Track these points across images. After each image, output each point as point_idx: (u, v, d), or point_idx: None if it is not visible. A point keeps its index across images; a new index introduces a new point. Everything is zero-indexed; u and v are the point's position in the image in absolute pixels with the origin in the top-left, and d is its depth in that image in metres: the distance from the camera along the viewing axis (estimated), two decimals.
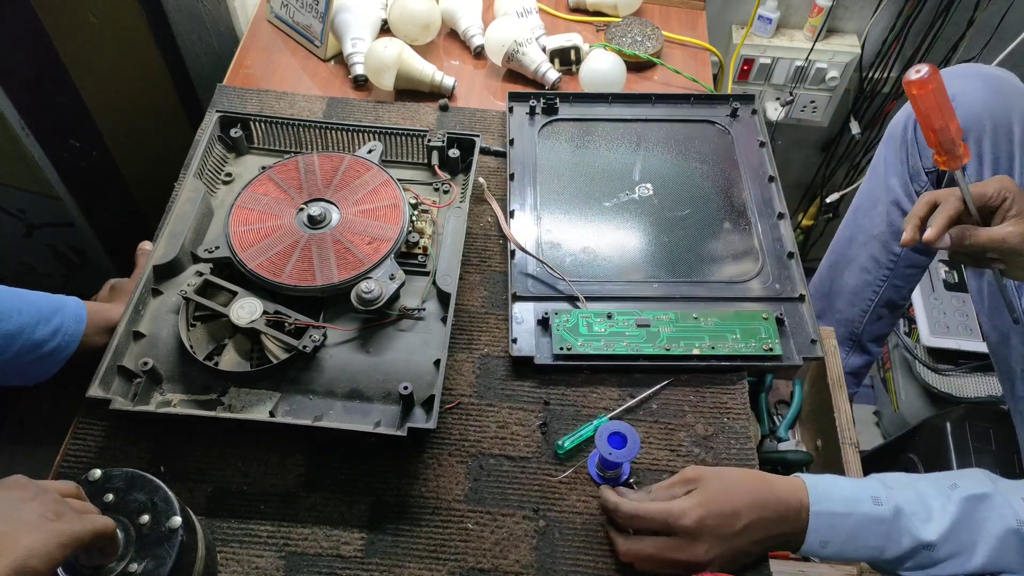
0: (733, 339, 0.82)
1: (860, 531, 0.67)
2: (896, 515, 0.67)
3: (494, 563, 0.70)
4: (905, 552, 0.66)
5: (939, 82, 0.70)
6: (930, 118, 0.71)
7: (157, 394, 0.73)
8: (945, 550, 0.66)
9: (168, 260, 0.79)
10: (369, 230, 0.81)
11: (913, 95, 0.71)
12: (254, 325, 0.74)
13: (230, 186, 0.90)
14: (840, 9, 1.49)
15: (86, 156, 1.17)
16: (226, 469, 0.74)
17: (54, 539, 0.47)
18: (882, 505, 0.67)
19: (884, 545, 0.67)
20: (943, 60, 1.52)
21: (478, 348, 0.83)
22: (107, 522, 0.53)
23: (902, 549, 0.66)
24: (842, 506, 0.67)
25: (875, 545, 0.67)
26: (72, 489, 0.54)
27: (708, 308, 0.85)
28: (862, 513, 0.67)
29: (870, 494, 0.68)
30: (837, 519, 0.67)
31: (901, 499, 0.68)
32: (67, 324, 0.73)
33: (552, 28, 1.18)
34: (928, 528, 0.67)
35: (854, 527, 0.67)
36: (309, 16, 1.11)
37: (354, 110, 1.05)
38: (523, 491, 0.74)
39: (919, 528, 0.67)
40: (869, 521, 0.67)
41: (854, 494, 0.68)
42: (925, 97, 0.70)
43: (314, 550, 0.70)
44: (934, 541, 0.66)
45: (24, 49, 1.02)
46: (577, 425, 0.78)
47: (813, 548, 0.67)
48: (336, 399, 0.74)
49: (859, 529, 0.67)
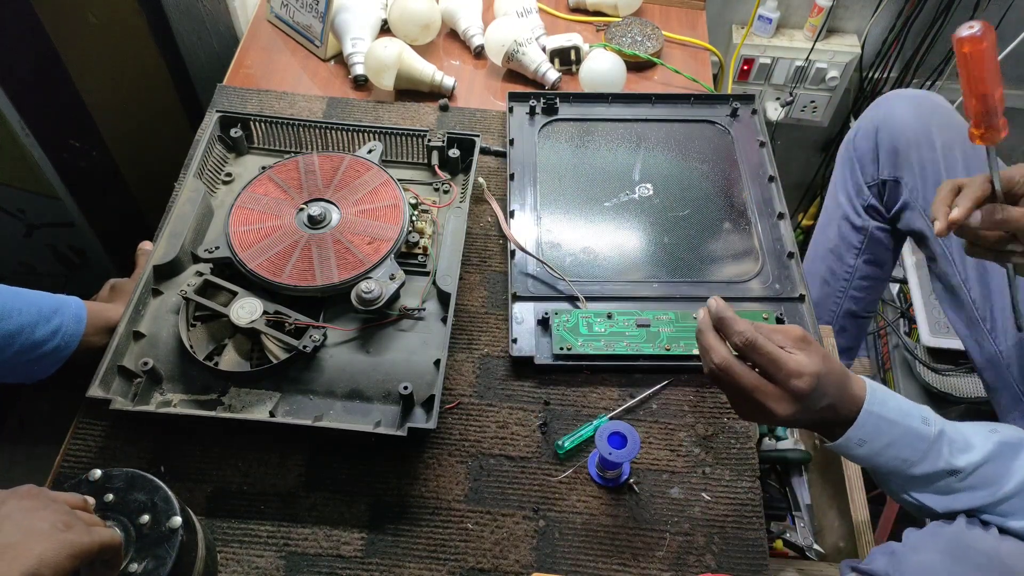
0: None
1: (900, 441, 0.67)
2: (938, 438, 0.67)
3: (494, 563, 0.70)
4: (933, 472, 0.67)
5: (992, 41, 0.65)
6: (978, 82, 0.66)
7: (157, 394, 0.73)
8: (969, 481, 0.67)
9: (168, 260, 0.79)
10: (369, 230, 0.81)
11: (964, 54, 0.66)
12: (254, 325, 0.74)
13: (230, 186, 0.90)
14: (840, 9, 1.49)
15: (86, 156, 1.17)
16: (226, 469, 0.74)
17: (64, 549, 0.48)
18: (930, 426, 0.68)
19: (917, 460, 0.67)
20: (943, 60, 1.53)
21: (478, 348, 0.83)
22: (113, 535, 0.53)
23: (932, 468, 0.67)
24: (894, 414, 0.67)
25: (908, 458, 0.67)
26: (79, 501, 0.55)
27: None
28: (909, 426, 0.67)
29: (921, 414, 0.68)
30: (884, 424, 0.67)
31: (947, 427, 0.69)
32: (67, 324, 0.73)
33: (552, 28, 1.18)
34: (962, 457, 0.67)
35: (897, 436, 0.67)
36: (309, 16, 1.11)
37: (354, 110, 1.05)
38: (523, 491, 0.74)
39: (955, 455, 0.67)
40: (912, 435, 0.67)
41: (907, 409, 0.68)
42: (977, 57, 0.65)
43: (314, 550, 0.70)
44: (963, 468, 0.67)
45: (24, 49, 1.02)
46: (577, 425, 0.78)
47: (850, 444, 0.67)
48: (336, 399, 0.74)
49: (901, 439, 0.67)
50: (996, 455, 0.68)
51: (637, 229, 0.93)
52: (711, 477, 0.76)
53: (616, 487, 0.75)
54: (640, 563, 0.71)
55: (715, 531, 0.73)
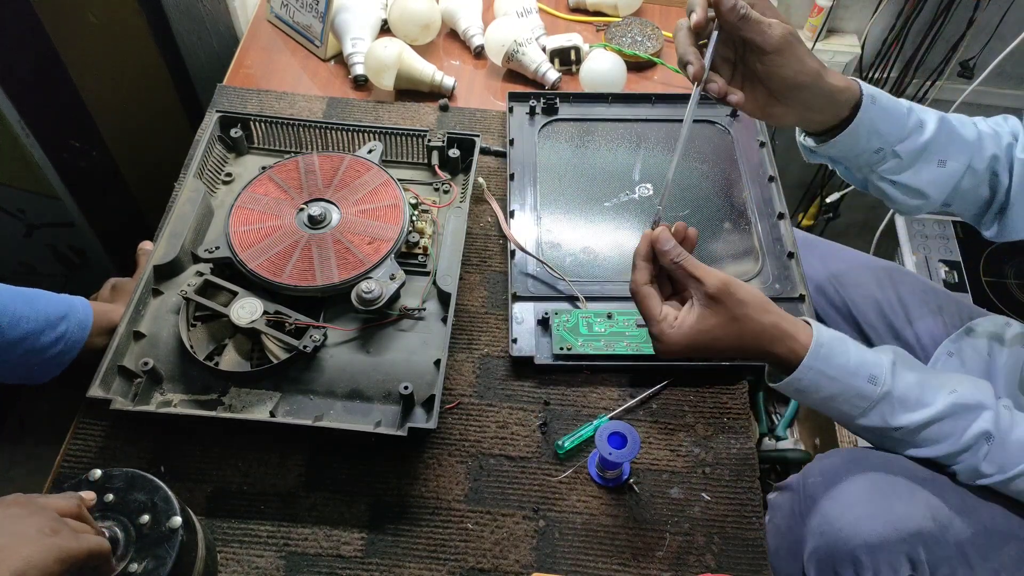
0: None
1: (839, 398, 0.66)
2: (883, 398, 0.66)
3: (494, 563, 0.70)
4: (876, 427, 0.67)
5: None
6: None
7: (157, 394, 0.73)
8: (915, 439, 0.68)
9: (168, 260, 0.79)
10: (369, 230, 0.81)
11: None
12: (254, 325, 0.74)
13: (230, 186, 0.90)
14: (840, 9, 1.49)
15: (86, 156, 1.17)
16: (226, 469, 0.74)
17: (51, 553, 0.48)
18: (876, 386, 0.66)
19: (858, 415, 0.67)
20: (943, 60, 1.52)
21: (478, 348, 0.83)
22: (101, 542, 0.53)
23: (874, 424, 0.67)
24: (836, 371, 0.66)
25: (847, 412, 0.67)
26: (73, 506, 0.54)
27: None
28: (849, 384, 0.66)
29: (871, 372, 0.66)
30: (824, 380, 0.66)
31: (898, 387, 0.67)
32: (72, 331, 0.73)
33: (552, 28, 1.18)
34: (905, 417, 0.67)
35: (837, 392, 0.66)
36: (309, 16, 1.11)
37: (354, 110, 1.05)
38: (523, 491, 0.74)
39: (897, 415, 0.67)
40: (852, 394, 0.66)
41: (855, 366, 0.66)
42: None
43: (314, 550, 0.70)
44: (904, 426, 0.67)
45: (24, 49, 1.02)
46: (577, 425, 0.78)
47: (787, 390, 0.67)
48: (336, 399, 0.74)
49: (840, 395, 0.66)
50: (947, 414, 0.66)
51: (637, 229, 0.93)
52: (711, 477, 0.76)
53: (616, 487, 0.75)
54: (640, 563, 0.71)
55: (715, 531, 0.73)
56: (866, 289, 0.96)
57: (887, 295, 0.95)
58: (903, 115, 0.73)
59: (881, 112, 0.72)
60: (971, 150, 0.75)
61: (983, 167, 0.76)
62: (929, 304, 0.94)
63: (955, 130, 0.75)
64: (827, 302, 0.99)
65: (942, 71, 1.55)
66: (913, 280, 0.98)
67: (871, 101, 0.71)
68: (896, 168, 0.75)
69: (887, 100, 0.73)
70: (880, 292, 0.96)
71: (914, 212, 0.80)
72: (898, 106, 0.73)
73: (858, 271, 0.99)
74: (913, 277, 0.99)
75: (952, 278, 1.51)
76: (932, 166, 0.75)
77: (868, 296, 0.96)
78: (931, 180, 0.76)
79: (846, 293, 0.97)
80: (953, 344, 0.89)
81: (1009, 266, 1.54)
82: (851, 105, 0.71)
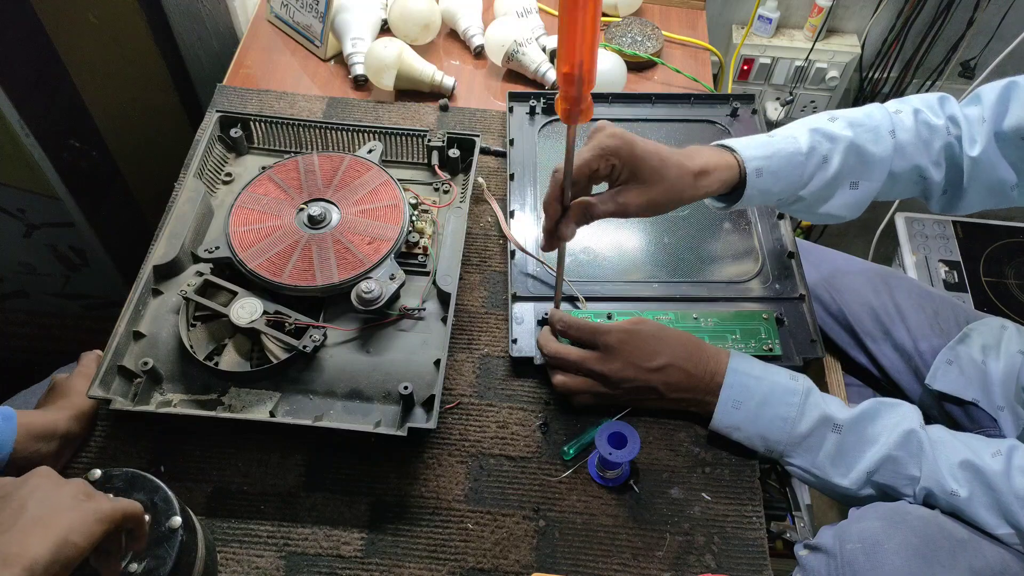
0: (733, 339, 0.82)
1: (772, 397, 0.72)
2: (809, 391, 0.73)
3: (494, 563, 0.70)
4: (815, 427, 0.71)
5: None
6: (569, 45, 0.54)
7: (157, 394, 0.73)
8: (850, 438, 0.71)
9: (168, 260, 0.79)
10: (369, 230, 0.81)
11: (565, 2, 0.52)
12: (254, 325, 0.74)
13: (230, 186, 0.90)
14: (840, 9, 1.49)
15: (86, 156, 1.17)
16: (226, 469, 0.74)
17: (91, 515, 0.50)
18: (797, 381, 0.73)
19: (795, 416, 0.71)
20: (943, 60, 1.53)
21: (478, 348, 0.83)
22: (135, 504, 0.54)
23: (812, 422, 0.71)
24: (759, 371, 0.73)
25: (786, 415, 0.71)
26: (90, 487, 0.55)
27: (708, 308, 0.85)
28: (775, 380, 0.73)
29: (788, 372, 0.74)
30: (751, 381, 0.72)
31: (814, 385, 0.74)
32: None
33: (552, 28, 1.18)
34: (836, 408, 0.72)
35: (767, 391, 0.72)
36: (309, 16, 1.11)
37: (354, 110, 1.05)
38: (523, 491, 0.74)
39: (829, 404, 0.73)
40: (781, 389, 0.72)
41: (775, 369, 0.74)
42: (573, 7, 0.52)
43: (314, 550, 0.70)
44: (841, 421, 0.71)
45: (24, 49, 1.02)
46: (577, 425, 0.78)
47: (726, 409, 0.72)
48: (336, 399, 0.74)
49: (771, 395, 0.72)
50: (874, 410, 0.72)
51: (637, 229, 0.93)
52: (711, 477, 0.76)
53: (616, 487, 0.75)
54: (640, 563, 0.71)
55: (715, 531, 0.73)
56: (861, 295, 0.96)
57: (882, 300, 0.95)
58: (799, 166, 0.75)
59: (771, 178, 0.74)
60: (886, 165, 0.78)
61: (906, 172, 0.79)
62: (925, 309, 0.94)
63: (865, 153, 0.77)
64: (822, 308, 0.99)
65: (942, 71, 1.55)
66: (909, 284, 0.98)
67: (756, 175, 0.73)
68: (806, 207, 0.79)
69: (778, 163, 0.74)
70: (875, 298, 0.95)
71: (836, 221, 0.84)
72: (791, 161, 0.74)
73: (853, 276, 0.98)
74: (908, 281, 0.99)
75: (952, 278, 1.51)
76: (844, 191, 0.78)
77: (863, 302, 0.96)
78: (844, 203, 0.79)
79: (841, 298, 0.97)
80: (951, 352, 0.89)
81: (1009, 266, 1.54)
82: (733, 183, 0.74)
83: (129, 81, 1.19)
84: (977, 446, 0.70)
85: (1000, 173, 0.77)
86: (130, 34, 1.15)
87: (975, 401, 0.85)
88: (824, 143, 0.76)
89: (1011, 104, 0.75)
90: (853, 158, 0.76)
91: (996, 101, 0.76)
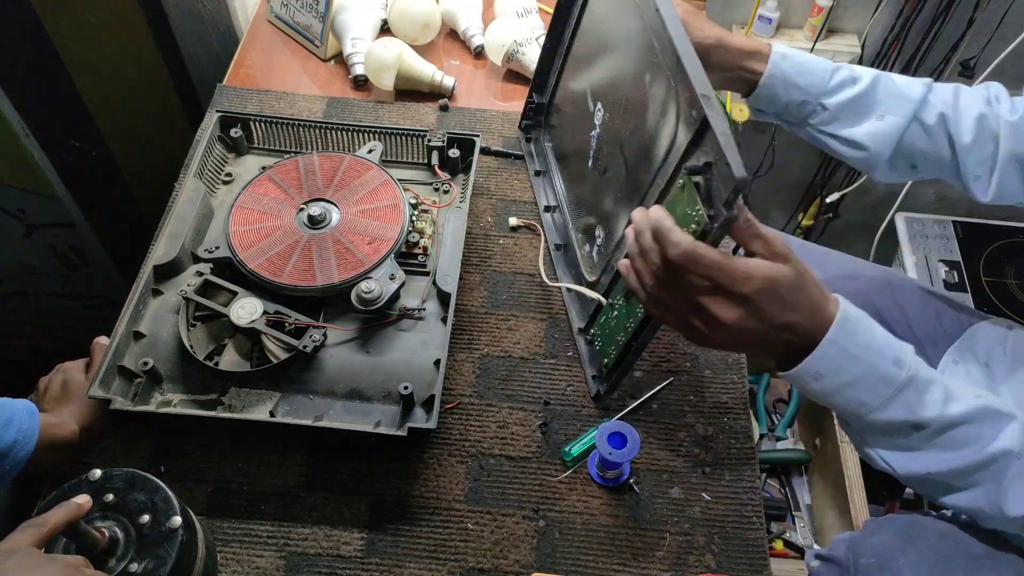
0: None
1: (862, 382, 0.60)
2: (908, 383, 0.59)
3: (494, 563, 0.70)
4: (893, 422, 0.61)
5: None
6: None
7: (157, 394, 0.73)
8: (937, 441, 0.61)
9: (168, 260, 0.79)
10: (369, 230, 0.81)
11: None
12: (254, 325, 0.74)
13: (230, 186, 0.90)
14: (840, 9, 1.49)
15: (86, 156, 1.17)
16: (226, 469, 0.74)
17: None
18: (901, 369, 0.59)
19: (877, 406, 0.60)
20: (943, 60, 1.52)
21: (478, 348, 0.83)
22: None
23: (893, 418, 0.60)
24: (860, 350, 0.59)
25: (867, 402, 0.60)
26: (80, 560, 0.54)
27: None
28: (875, 366, 0.59)
29: (895, 353, 0.60)
30: (846, 360, 0.59)
31: (924, 373, 0.61)
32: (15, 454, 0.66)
33: None
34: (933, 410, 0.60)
35: (859, 376, 0.59)
36: (309, 16, 1.11)
37: (354, 110, 1.05)
38: (523, 491, 0.74)
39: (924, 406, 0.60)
40: (876, 378, 0.59)
41: (880, 347, 0.60)
42: None
43: (314, 550, 0.70)
44: (929, 423, 0.60)
45: (24, 49, 1.02)
46: (577, 425, 0.78)
47: (804, 376, 0.60)
48: (336, 399, 0.74)
49: (862, 380, 0.60)
50: (976, 417, 0.60)
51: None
52: (711, 477, 0.76)
53: (616, 487, 0.75)
54: (640, 563, 0.71)
55: (715, 531, 0.73)
56: (865, 297, 0.96)
57: (886, 303, 0.95)
58: (824, 71, 0.79)
59: (794, 66, 0.78)
60: (914, 106, 0.78)
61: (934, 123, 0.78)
62: (928, 311, 0.94)
63: (895, 87, 0.79)
64: None
65: (942, 71, 1.54)
66: (912, 287, 0.97)
67: (781, 57, 0.78)
68: (828, 120, 0.80)
69: (803, 57, 0.79)
70: (879, 300, 0.95)
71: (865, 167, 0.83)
72: (818, 63, 0.79)
73: (856, 279, 0.98)
74: (911, 283, 0.99)
75: (952, 278, 1.51)
76: (871, 120, 0.79)
77: (868, 304, 0.96)
78: (869, 132, 0.79)
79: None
80: (958, 352, 0.88)
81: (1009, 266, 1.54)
82: (762, 61, 0.79)
83: (129, 81, 1.19)
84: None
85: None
86: (130, 34, 1.15)
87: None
88: (854, 69, 0.80)
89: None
90: (881, 89, 0.79)
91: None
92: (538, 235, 0.93)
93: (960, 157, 0.78)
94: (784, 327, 0.58)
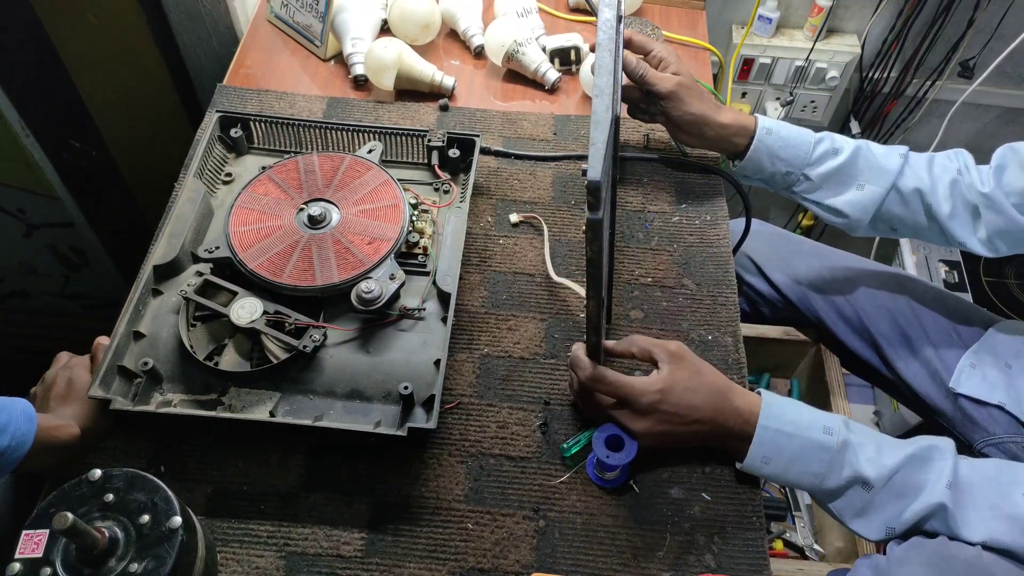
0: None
1: (803, 455, 0.69)
2: (843, 448, 0.69)
3: (494, 563, 0.70)
4: (845, 484, 0.69)
5: None
6: None
7: (157, 394, 0.73)
8: (882, 495, 0.69)
9: (168, 260, 0.79)
10: (369, 230, 0.81)
11: None
12: (254, 325, 0.74)
13: (230, 186, 0.90)
14: (840, 9, 1.49)
15: (86, 156, 1.17)
16: (226, 469, 0.74)
17: None
18: (832, 436, 0.69)
19: (825, 472, 0.69)
20: (943, 60, 1.52)
21: (478, 348, 0.83)
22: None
23: (841, 479, 0.69)
24: (790, 427, 0.70)
25: (816, 472, 0.69)
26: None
27: None
28: (808, 438, 0.69)
29: (824, 423, 0.70)
30: (782, 438, 0.69)
31: (854, 437, 0.70)
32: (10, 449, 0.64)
33: (552, 28, 1.18)
34: (870, 466, 0.69)
35: (798, 450, 0.69)
36: (309, 16, 1.11)
37: (354, 110, 1.05)
38: (523, 491, 0.74)
39: (862, 464, 0.69)
40: (813, 447, 0.69)
41: (808, 421, 0.70)
42: None
43: (314, 550, 0.70)
44: (872, 478, 0.68)
45: (24, 49, 1.02)
46: (577, 425, 0.78)
47: (755, 463, 0.71)
48: (336, 399, 0.74)
49: (802, 452, 0.69)
50: (905, 464, 0.69)
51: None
52: (711, 477, 0.76)
53: (616, 487, 0.75)
54: (640, 563, 0.71)
55: (715, 531, 0.73)
56: (877, 297, 0.96)
57: (899, 304, 0.95)
58: (806, 143, 0.84)
59: (778, 141, 0.84)
60: (892, 177, 0.83)
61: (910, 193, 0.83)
62: (939, 312, 0.94)
63: (873, 158, 0.84)
64: (837, 315, 0.98)
65: (942, 71, 1.55)
66: (923, 287, 0.97)
67: (766, 133, 0.85)
68: (811, 188, 0.86)
69: (787, 131, 0.85)
70: (892, 301, 0.95)
71: (846, 230, 0.88)
72: (801, 136, 0.85)
73: (866, 278, 0.98)
74: (922, 284, 0.99)
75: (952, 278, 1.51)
76: (852, 189, 0.84)
77: (880, 306, 0.95)
78: (849, 201, 0.84)
79: (857, 304, 0.96)
80: (976, 355, 0.88)
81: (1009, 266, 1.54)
82: (747, 136, 0.85)
83: (129, 81, 1.19)
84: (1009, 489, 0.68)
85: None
86: (130, 34, 1.15)
87: (1001, 404, 0.85)
88: (836, 140, 0.85)
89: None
90: (861, 160, 0.84)
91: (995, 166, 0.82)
92: (539, 233, 0.93)
93: (943, 225, 0.84)
94: (695, 421, 0.71)
